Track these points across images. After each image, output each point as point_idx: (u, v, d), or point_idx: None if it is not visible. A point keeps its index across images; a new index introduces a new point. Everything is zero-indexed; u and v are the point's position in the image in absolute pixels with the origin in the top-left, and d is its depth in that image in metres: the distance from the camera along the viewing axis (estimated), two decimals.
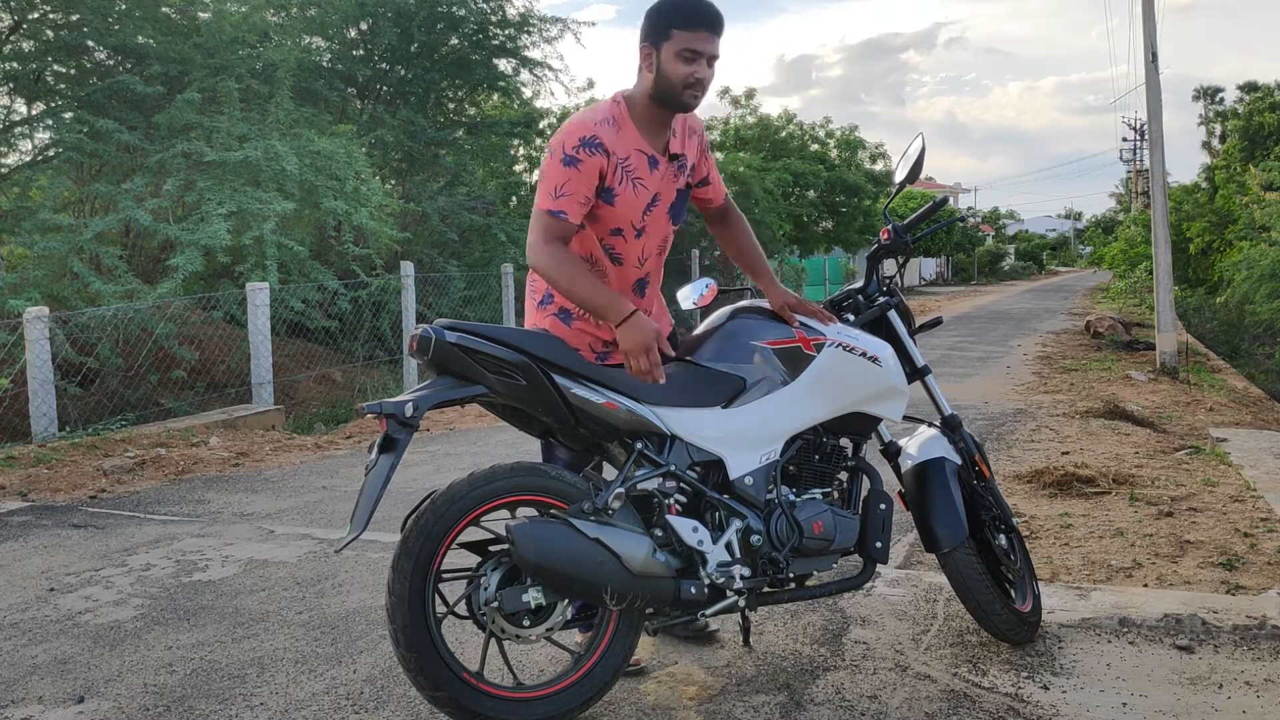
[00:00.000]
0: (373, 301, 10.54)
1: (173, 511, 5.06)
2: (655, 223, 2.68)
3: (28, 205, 9.33)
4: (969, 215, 55.35)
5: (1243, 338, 18.40)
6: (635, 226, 2.64)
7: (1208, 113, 32.30)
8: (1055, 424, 7.21)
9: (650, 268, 2.76)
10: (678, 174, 2.71)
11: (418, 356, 2.40)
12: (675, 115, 2.65)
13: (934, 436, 3.08)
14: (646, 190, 2.62)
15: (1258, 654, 2.94)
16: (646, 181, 2.61)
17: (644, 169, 2.60)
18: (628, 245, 2.66)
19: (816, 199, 25.91)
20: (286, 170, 8.93)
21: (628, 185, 2.58)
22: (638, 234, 2.66)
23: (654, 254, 2.74)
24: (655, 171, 2.62)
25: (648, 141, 2.61)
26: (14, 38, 10.12)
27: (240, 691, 2.80)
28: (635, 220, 2.63)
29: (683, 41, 2.49)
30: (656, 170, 2.63)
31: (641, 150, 2.60)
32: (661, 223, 2.71)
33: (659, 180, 2.64)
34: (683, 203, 2.77)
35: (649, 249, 2.71)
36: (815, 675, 2.83)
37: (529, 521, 2.39)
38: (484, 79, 14.57)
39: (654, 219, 2.67)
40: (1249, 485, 5.14)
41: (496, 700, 2.37)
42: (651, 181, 2.62)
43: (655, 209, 2.66)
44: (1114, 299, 25.81)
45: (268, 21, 11.29)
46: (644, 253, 2.70)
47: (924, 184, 50.14)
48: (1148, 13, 11.04)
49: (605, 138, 2.53)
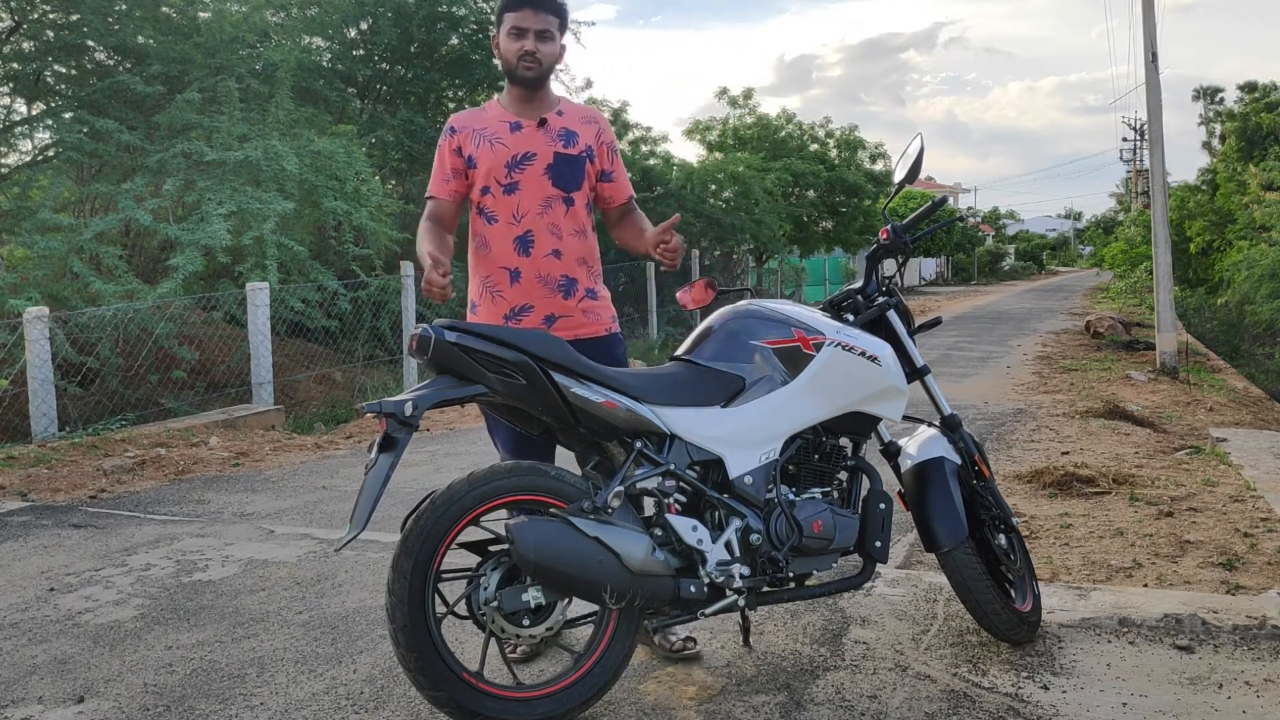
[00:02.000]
0: (373, 301, 10.54)
1: (173, 511, 5.06)
2: (529, 181, 2.85)
3: (28, 205, 9.32)
4: (969, 215, 55.32)
5: (1243, 338, 18.40)
6: (501, 183, 2.86)
7: (1208, 113, 32.31)
8: (1055, 424, 7.21)
9: (532, 225, 2.85)
10: (554, 139, 2.88)
11: (417, 356, 2.40)
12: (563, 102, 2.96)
13: (934, 436, 3.08)
14: (506, 148, 2.86)
15: (1258, 654, 2.94)
16: (506, 140, 2.86)
17: (504, 132, 2.88)
18: (497, 202, 2.87)
19: (816, 199, 25.87)
20: (286, 170, 8.93)
21: (485, 145, 2.87)
22: (505, 189, 2.86)
23: (532, 212, 2.85)
24: (518, 133, 2.87)
25: (513, 112, 2.90)
26: (14, 38, 10.12)
27: (240, 691, 2.80)
28: (499, 175, 2.85)
29: (509, 22, 2.83)
30: (519, 132, 2.87)
31: (504, 119, 2.89)
32: (538, 181, 2.86)
33: (524, 141, 2.86)
34: (573, 170, 2.89)
35: (525, 205, 2.85)
36: (815, 675, 2.83)
37: (529, 521, 2.39)
38: (484, 78, 14.56)
39: (526, 177, 2.85)
40: (1249, 485, 5.14)
41: (496, 700, 2.37)
42: (513, 141, 2.86)
43: (528, 167, 2.86)
44: (1114, 299, 25.80)
45: (268, 21, 11.28)
46: (519, 209, 2.85)
47: (924, 184, 50.13)
48: (1148, 13, 11.04)
49: (459, 121, 2.93)
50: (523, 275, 2.86)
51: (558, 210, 2.87)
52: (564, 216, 2.88)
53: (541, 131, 2.87)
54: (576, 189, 2.89)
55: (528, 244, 2.85)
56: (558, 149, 2.87)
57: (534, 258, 2.85)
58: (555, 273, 2.87)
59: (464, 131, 2.89)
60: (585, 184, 2.92)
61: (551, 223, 2.86)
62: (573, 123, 2.93)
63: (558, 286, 2.87)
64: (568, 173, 2.88)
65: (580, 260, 2.92)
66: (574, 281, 2.89)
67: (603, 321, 2.96)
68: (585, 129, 2.94)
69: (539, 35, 2.81)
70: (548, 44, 2.83)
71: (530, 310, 2.86)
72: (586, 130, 2.94)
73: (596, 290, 2.96)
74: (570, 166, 2.88)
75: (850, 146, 27.74)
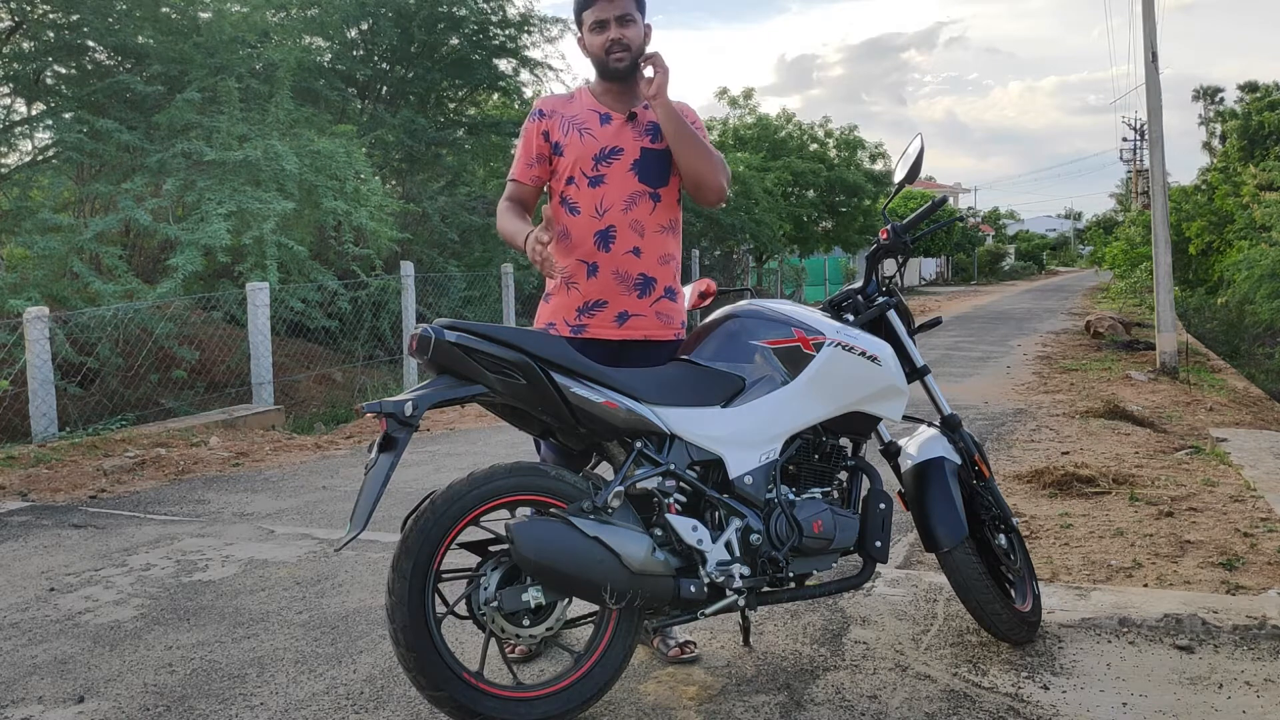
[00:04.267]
0: (373, 301, 10.53)
1: (173, 511, 5.06)
2: (615, 175, 2.81)
3: (28, 205, 9.32)
4: (969, 215, 55.31)
5: (1243, 338, 18.40)
6: (587, 175, 2.81)
7: (1208, 113, 32.32)
8: (1055, 424, 7.21)
9: (615, 219, 2.80)
10: (642, 134, 2.83)
11: (417, 356, 2.40)
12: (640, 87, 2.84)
13: (934, 436, 3.08)
14: (595, 140, 2.81)
15: (1258, 654, 2.94)
16: (596, 133, 2.82)
17: (594, 123, 2.83)
18: (580, 193, 2.82)
19: (816, 199, 25.89)
20: (286, 170, 8.93)
21: (574, 134, 2.82)
22: (591, 182, 2.81)
23: (616, 207, 2.80)
24: (607, 126, 2.83)
25: (603, 105, 2.85)
26: (14, 38, 10.12)
27: (240, 691, 2.80)
28: (586, 167, 2.81)
29: (589, 19, 2.80)
30: (609, 125, 2.83)
31: (594, 109, 2.85)
32: (624, 177, 2.81)
33: (612, 134, 2.82)
34: (660, 165, 2.84)
35: (609, 200, 2.81)
36: (815, 675, 2.83)
37: (529, 520, 2.40)
38: (484, 79, 14.57)
39: (613, 172, 2.81)
40: (1249, 485, 5.14)
41: (496, 700, 2.37)
42: (602, 134, 2.82)
43: (615, 162, 2.81)
44: (1114, 299, 25.80)
45: (268, 21, 11.27)
46: (602, 203, 2.81)
47: (924, 184, 50.12)
48: (1148, 12, 11.04)
49: (549, 105, 2.88)
50: (600, 270, 2.80)
51: (643, 206, 2.82)
52: (649, 213, 2.83)
53: (630, 126, 2.82)
54: (663, 185, 2.84)
55: (609, 239, 2.80)
56: (645, 144, 2.82)
57: (614, 253, 2.80)
58: (634, 270, 2.82)
59: (553, 117, 2.84)
60: (673, 180, 2.87)
61: (635, 219, 2.81)
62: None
63: (634, 284, 2.82)
64: (655, 169, 2.82)
65: (662, 258, 2.86)
66: (652, 281, 2.84)
67: (673, 326, 2.90)
68: None
69: (620, 21, 2.77)
70: (631, 28, 2.78)
71: (604, 306, 2.81)
72: None
73: (675, 290, 2.92)
74: (658, 162, 2.82)
75: (850, 146, 27.75)
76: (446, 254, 12.66)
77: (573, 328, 2.81)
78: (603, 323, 2.81)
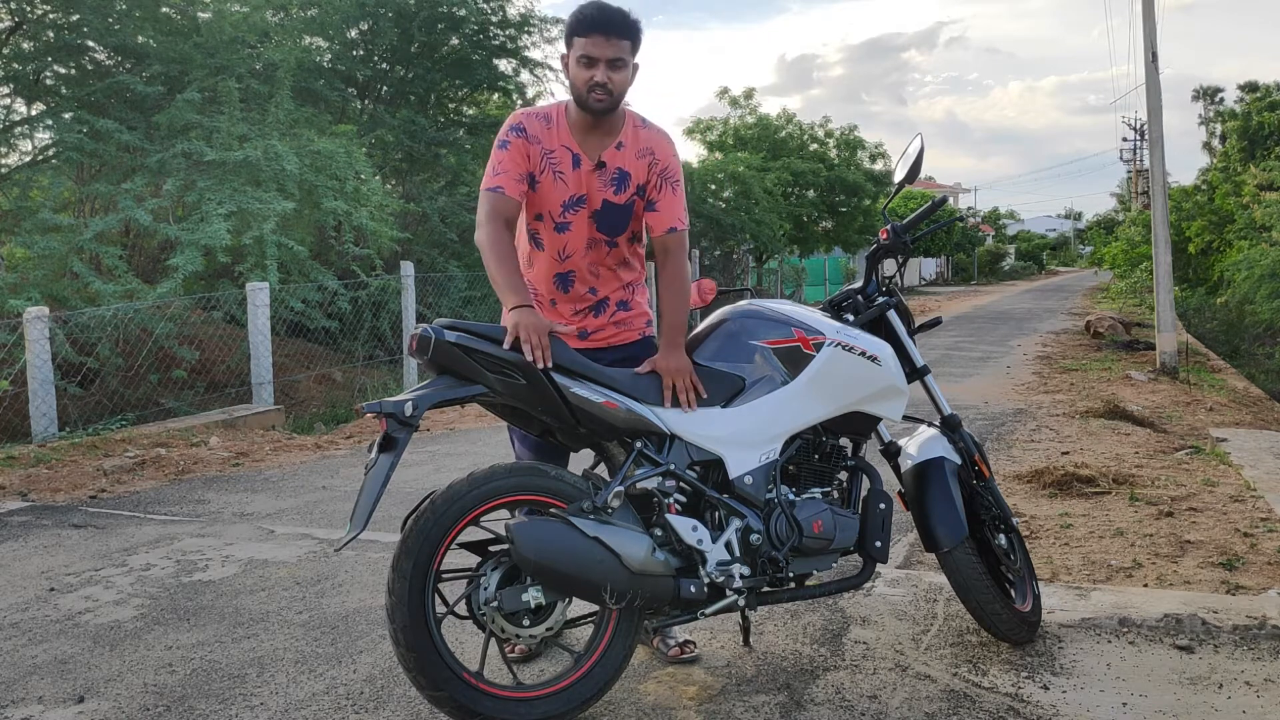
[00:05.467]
0: (373, 301, 10.53)
1: (173, 511, 5.06)
2: (579, 224, 2.78)
3: (28, 205, 9.32)
4: (969, 215, 55.30)
5: (1243, 338, 18.39)
6: (554, 219, 2.78)
7: (1208, 113, 32.33)
8: (1055, 424, 7.21)
9: (575, 265, 2.81)
10: (606, 184, 2.77)
11: (417, 356, 2.40)
12: (628, 128, 2.79)
13: (934, 436, 3.08)
14: (565, 185, 2.75)
15: (1258, 654, 2.94)
16: (567, 177, 2.75)
17: (566, 164, 2.75)
18: (548, 235, 2.80)
19: (816, 199, 25.89)
20: (286, 170, 8.93)
21: (549, 174, 2.75)
22: (556, 227, 2.78)
23: (579, 253, 2.81)
24: (576, 170, 2.75)
25: (576, 141, 2.76)
26: (14, 38, 10.12)
27: (240, 691, 2.80)
28: (555, 212, 2.77)
29: (580, 48, 2.67)
30: (578, 170, 2.75)
31: (568, 147, 2.76)
32: (585, 227, 2.78)
33: (579, 180, 2.76)
34: (618, 218, 2.80)
35: (572, 246, 2.80)
36: (815, 675, 2.83)
37: (529, 521, 2.40)
38: (484, 79, 14.56)
39: (577, 220, 2.78)
40: (1249, 485, 5.14)
41: (496, 700, 2.37)
42: (571, 179, 2.75)
43: (580, 210, 2.78)
44: (1114, 299, 25.80)
45: (268, 21, 11.27)
46: (565, 249, 2.80)
47: (924, 184, 50.12)
48: (1148, 12, 11.04)
49: (531, 127, 2.75)
50: (558, 305, 2.87)
51: (600, 250, 2.83)
52: (605, 255, 2.85)
53: (597, 175, 2.76)
54: (620, 234, 2.84)
55: (568, 282, 2.85)
56: (607, 196, 2.78)
57: (572, 294, 2.86)
58: (588, 301, 2.87)
59: (535, 145, 2.74)
60: (631, 225, 2.85)
61: (593, 262, 2.84)
62: (628, 159, 2.78)
63: (590, 308, 2.87)
64: (613, 221, 2.81)
65: (615, 285, 2.90)
66: (605, 301, 2.89)
67: (635, 328, 2.94)
68: (638, 165, 2.79)
69: (611, 64, 2.65)
70: (620, 72, 2.67)
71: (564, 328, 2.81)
72: (639, 167, 2.79)
73: (630, 300, 2.94)
74: (616, 215, 2.80)
75: (850, 146, 27.76)
76: (446, 254, 12.66)
77: None
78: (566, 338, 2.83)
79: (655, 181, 2.82)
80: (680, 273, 2.81)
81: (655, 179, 2.82)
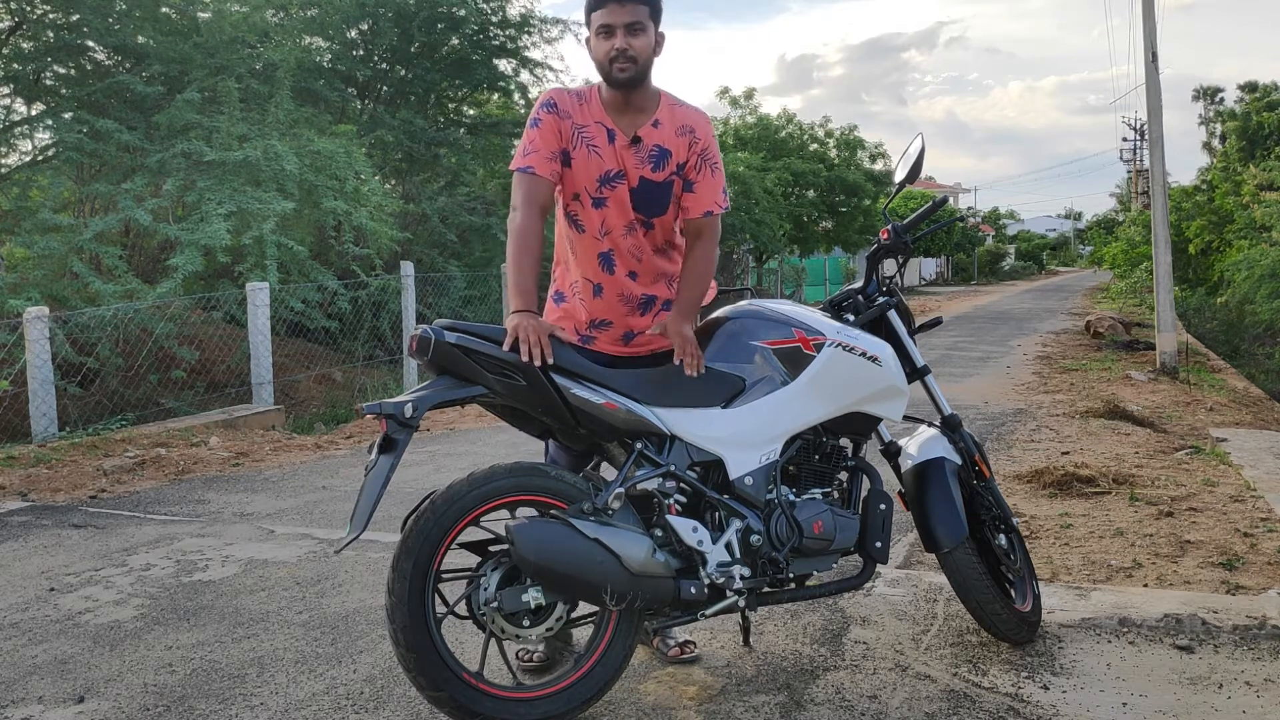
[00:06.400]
0: (373, 301, 10.54)
1: (173, 511, 5.06)
2: (616, 200, 2.74)
3: (28, 205, 9.32)
4: (969, 215, 55.29)
5: (1243, 338, 18.40)
6: (591, 195, 2.73)
7: (1208, 113, 32.33)
8: (1055, 424, 7.21)
9: (615, 243, 2.76)
10: (644, 161, 2.72)
11: (417, 357, 2.40)
12: (664, 105, 2.74)
13: (934, 436, 3.08)
14: (600, 159, 2.71)
15: (1258, 654, 2.94)
16: (602, 151, 2.71)
17: (601, 139, 2.71)
18: (586, 213, 2.76)
19: (816, 199, 25.90)
20: (286, 170, 8.93)
21: (583, 149, 2.71)
22: (595, 203, 2.74)
23: (618, 230, 2.75)
24: (612, 145, 2.71)
25: (610, 118, 2.72)
26: (14, 38, 10.12)
27: (240, 691, 2.80)
28: (591, 188, 2.73)
29: (596, 21, 2.64)
30: (613, 144, 2.71)
31: (601, 123, 2.72)
32: (623, 203, 2.74)
33: (615, 155, 2.71)
34: (656, 196, 2.75)
35: (610, 223, 2.75)
36: (815, 675, 2.83)
37: (529, 521, 2.39)
38: (484, 79, 14.56)
39: (615, 196, 2.73)
40: (1249, 485, 5.14)
41: (496, 700, 2.37)
42: (606, 153, 2.71)
43: (617, 186, 2.73)
44: (1114, 299, 25.80)
45: (268, 21, 11.28)
46: (604, 225, 2.75)
47: (924, 184, 50.10)
48: (1148, 12, 11.04)
49: (564, 103, 2.71)
50: (604, 291, 2.79)
51: (639, 233, 2.77)
52: (645, 238, 2.79)
53: (633, 150, 2.71)
54: (659, 214, 2.76)
55: (611, 262, 2.77)
56: (645, 173, 2.72)
57: (616, 276, 2.78)
58: (635, 292, 2.80)
59: (567, 121, 2.69)
60: (671, 206, 2.78)
61: (634, 244, 2.78)
62: (667, 136, 2.72)
63: (637, 305, 2.81)
64: (651, 200, 2.74)
65: (659, 276, 2.84)
66: (653, 299, 2.83)
67: None
68: (678, 142, 2.73)
69: (629, 29, 2.60)
70: (640, 37, 2.61)
71: (609, 326, 2.80)
72: (679, 144, 2.73)
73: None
74: (655, 194, 2.74)
75: (850, 146, 27.76)
76: (446, 254, 12.67)
77: (582, 337, 2.80)
78: (609, 340, 2.82)
79: (695, 162, 2.76)
80: (709, 256, 2.81)
81: (695, 159, 2.76)
